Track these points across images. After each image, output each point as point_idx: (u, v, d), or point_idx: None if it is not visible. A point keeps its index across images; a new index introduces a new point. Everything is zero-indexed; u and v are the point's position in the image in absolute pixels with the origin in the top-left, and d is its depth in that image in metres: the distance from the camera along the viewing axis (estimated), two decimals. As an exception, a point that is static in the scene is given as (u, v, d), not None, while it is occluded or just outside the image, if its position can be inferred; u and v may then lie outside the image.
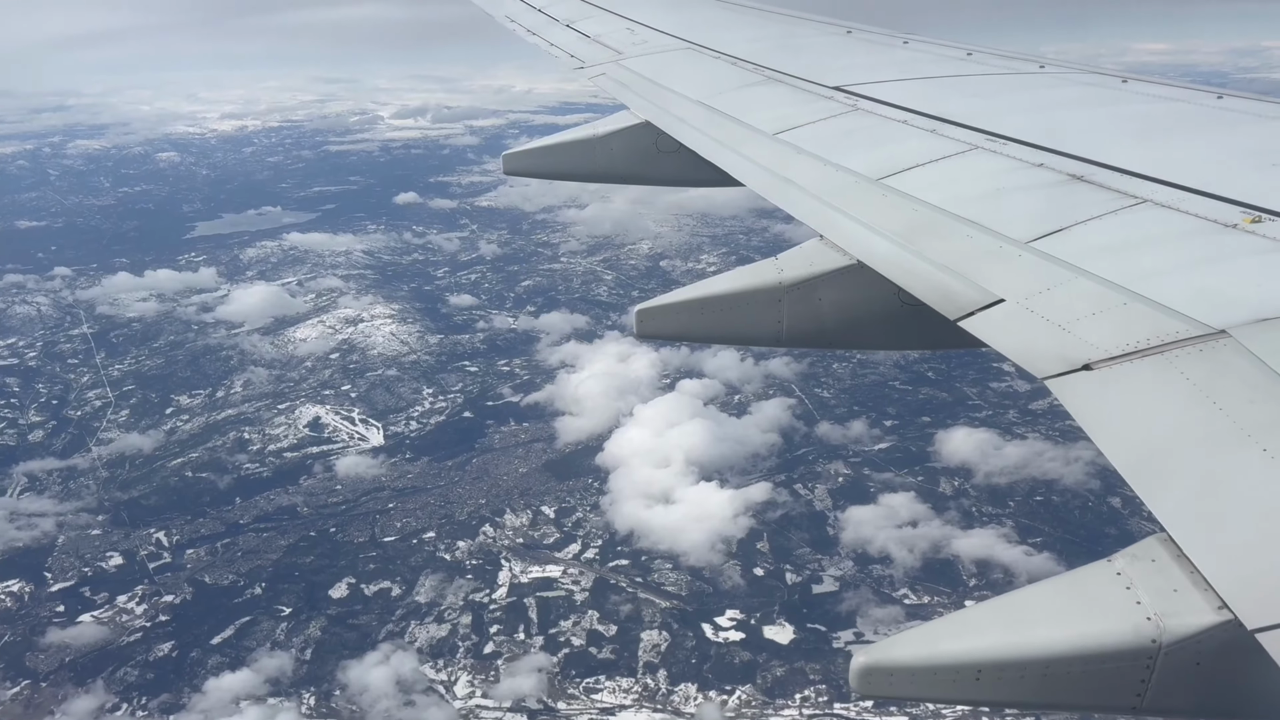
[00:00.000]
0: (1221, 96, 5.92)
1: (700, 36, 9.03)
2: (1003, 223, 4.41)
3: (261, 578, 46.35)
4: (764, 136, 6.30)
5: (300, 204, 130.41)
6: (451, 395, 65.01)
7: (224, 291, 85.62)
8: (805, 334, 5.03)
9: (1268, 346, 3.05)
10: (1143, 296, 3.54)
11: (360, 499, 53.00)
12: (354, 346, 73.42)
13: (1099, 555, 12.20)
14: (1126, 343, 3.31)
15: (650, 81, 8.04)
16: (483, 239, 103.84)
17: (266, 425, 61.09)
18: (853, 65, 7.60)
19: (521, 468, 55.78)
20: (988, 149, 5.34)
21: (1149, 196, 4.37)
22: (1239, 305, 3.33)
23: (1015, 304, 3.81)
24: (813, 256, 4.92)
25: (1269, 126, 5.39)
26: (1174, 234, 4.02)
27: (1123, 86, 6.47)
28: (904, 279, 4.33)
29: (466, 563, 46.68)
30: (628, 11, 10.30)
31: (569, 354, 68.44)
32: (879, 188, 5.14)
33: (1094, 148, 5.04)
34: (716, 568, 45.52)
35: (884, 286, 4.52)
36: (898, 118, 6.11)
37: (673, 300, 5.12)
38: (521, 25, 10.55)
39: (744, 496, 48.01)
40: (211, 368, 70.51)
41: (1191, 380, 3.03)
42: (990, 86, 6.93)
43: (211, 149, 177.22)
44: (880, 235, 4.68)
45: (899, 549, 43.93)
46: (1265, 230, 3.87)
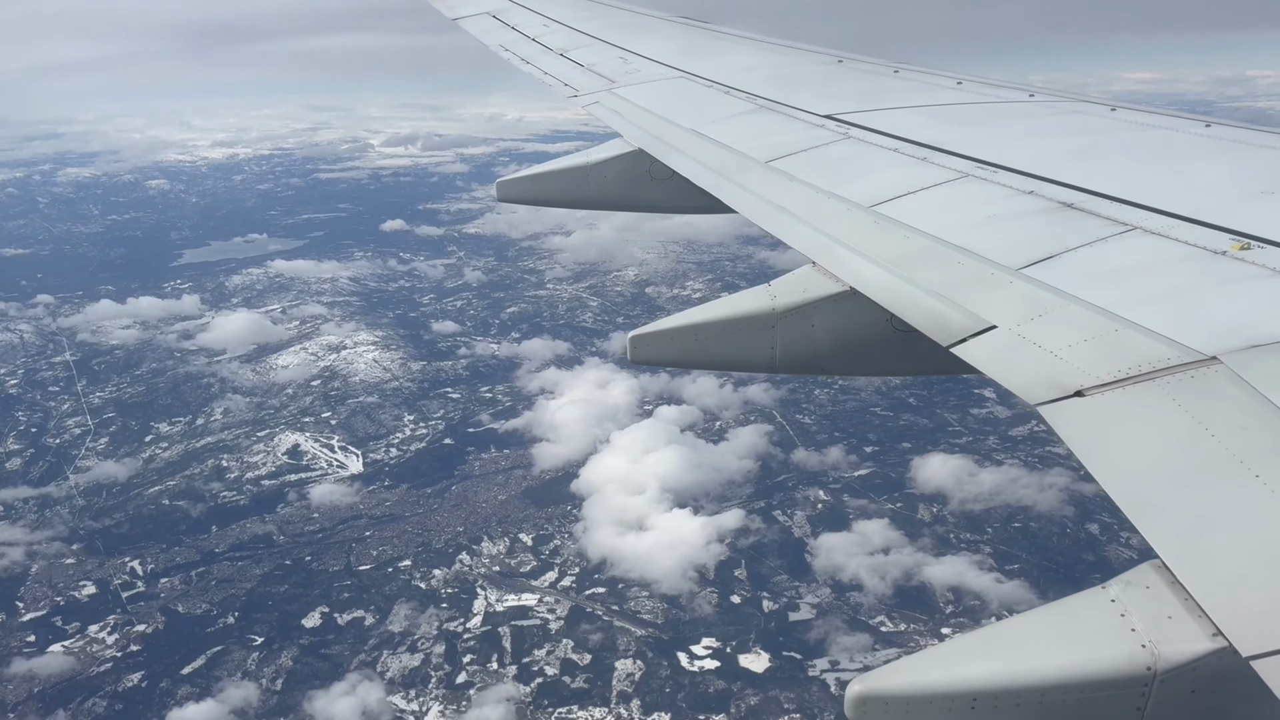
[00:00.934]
0: (1209, 125, 5.98)
1: (693, 66, 9.14)
2: (994, 250, 4.45)
3: (235, 607, 45.98)
4: (756, 164, 6.35)
5: (289, 231, 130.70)
6: (433, 422, 64.85)
7: (207, 319, 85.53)
8: (798, 360, 5.06)
9: (1259, 373, 3.05)
10: (1134, 323, 3.56)
11: (337, 527, 52.70)
12: (336, 373, 73.30)
13: (1076, 582, 12.33)
14: (1118, 369, 3.32)
15: (643, 109, 8.11)
16: (469, 266, 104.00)
17: (245, 453, 60.84)
18: (844, 94, 7.69)
19: (501, 495, 55.56)
20: (978, 177, 5.39)
21: (1139, 224, 4.41)
22: (1230, 332, 3.35)
23: (1007, 330, 3.83)
24: (805, 283, 4.96)
25: (1256, 154, 5.45)
26: (1164, 261, 4.05)
27: (1111, 115, 6.53)
28: (896, 305, 4.35)
29: (442, 591, 46.36)
30: (621, 41, 10.43)
31: (549, 380, 68.43)
32: (871, 215, 5.18)
33: (1084, 175, 5.09)
34: (693, 595, 45.27)
35: (876, 313, 4.54)
36: (889, 146, 6.17)
37: (666, 326, 5.15)
38: (516, 54, 10.68)
39: (716, 524, 47.87)
40: (192, 395, 70.29)
41: (1184, 407, 3.03)
42: (980, 115, 7.00)
43: (202, 176, 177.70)
44: (872, 262, 4.72)
45: (870, 576, 43.77)
46: (1254, 257, 3.89)
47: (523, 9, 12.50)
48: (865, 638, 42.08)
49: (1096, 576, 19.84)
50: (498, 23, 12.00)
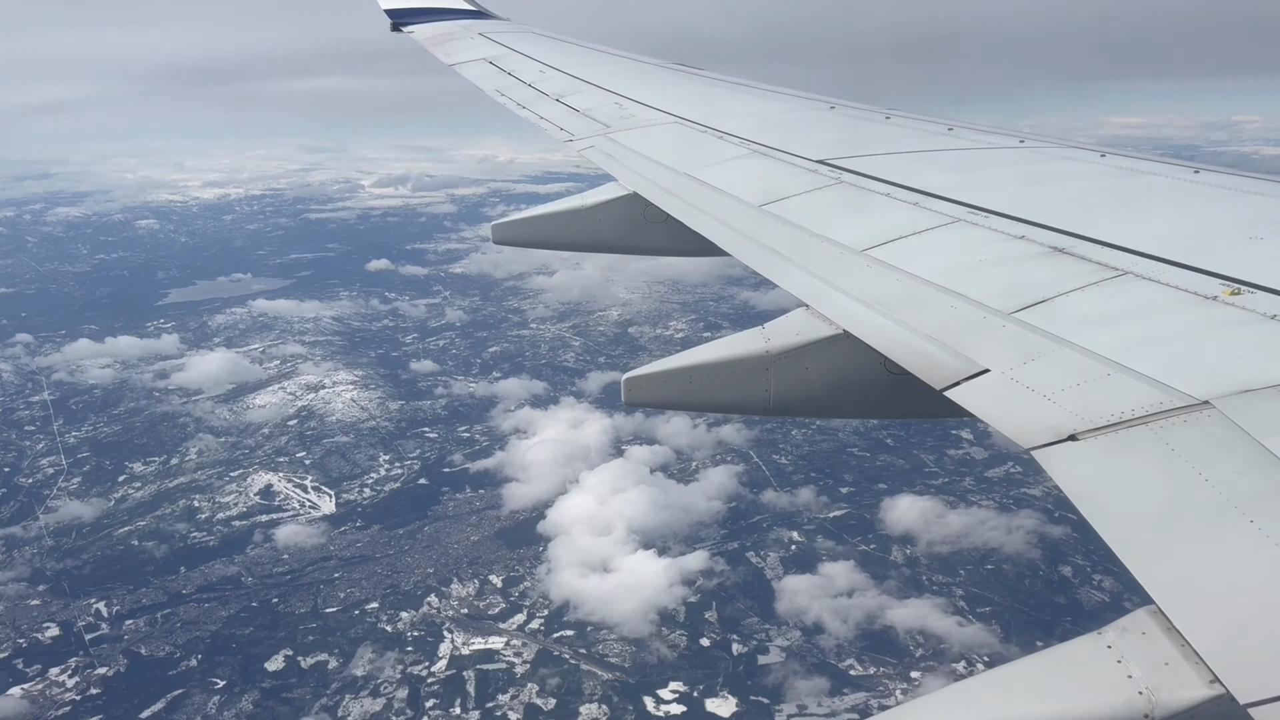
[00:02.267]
0: (1198, 170, 6.01)
1: (687, 111, 9.23)
2: (986, 294, 4.47)
3: (198, 649, 45.42)
4: (750, 208, 6.39)
5: (276, 271, 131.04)
6: (408, 462, 64.57)
7: (185, 359, 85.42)
8: (793, 403, 5.05)
9: (1252, 418, 3.05)
10: (1126, 367, 3.56)
11: (306, 568, 52.23)
12: (313, 413, 73.06)
13: (1048, 624, 12.36)
14: (1111, 413, 3.31)
15: (638, 154, 8.20)
16: (453, 305, 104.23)
17: (217, 493, 60.43)
18: (836, 140, 7.77)
19: (474, 536, 55.17)
20: (970, 222, 5.41)
21: (1130, 269, 4.43)
22: (1222, 377, 3.35)
23: (1000, 374, 3.83)
24: (799, 326, 4.97)
25: (1244, 200, 5.48)
26: (1155, 306, 4.07)
27: (1101, 160, 6.57)
28: (890, 349, 4.36)
29: (408, 634, 45.85)
30: (616, 87, 10.54)
31: (523, 420, 68.27)
32: (864, 259, 5.19)
33: (1074, 220, 5.11)
34: (662, 638, 44.85)
35: (870, 356, 4.55)
36: (881, 191, 6.20)
37: (660, 369, 5.14)
38: (512, 99, 10.77)
39: (680, 566, 47.53)
40: (168, 435, 69.95)
41: (1178, 451, 3.02)
42: (971, 161, 7.06)
43: (192, 216, 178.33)
44: (866, 305, 4.75)
45: (833, 619, 43.41)
46: (1244, 302, 3.90)
47: (519, 55, 12.68)
48: (833, 682, 41.65)
49: (1068, 620, 19.94)
50: (495, 69, 12.16)
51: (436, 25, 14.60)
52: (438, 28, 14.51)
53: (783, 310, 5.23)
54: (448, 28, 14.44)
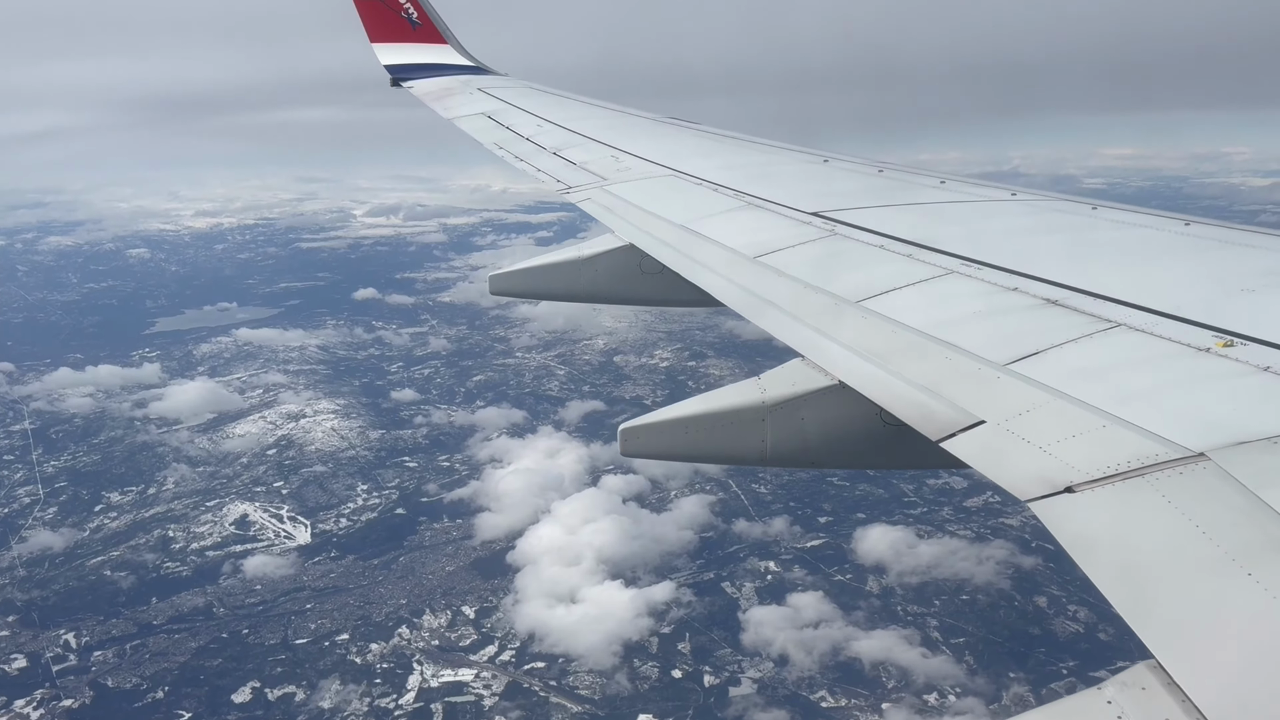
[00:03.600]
0: (1189, 223, 6.06)
1: (682, 164, 9.33)
2: (981, 345, 4.47)
3: (166, 681, 45.01)
4: (745, 259, 6.40)
5: (265, 300, 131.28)
6: (386, 491, 64.33)
7: (166, 388, 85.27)
8: (789, 454, 5.03)
9: (1247, 470, 3.05)
10: (1121, 419, 3.55)
11: (278, 599, 51.87)
12: (292, 442, 72.85)
13: (1021, 655, 12.26)
14: (1107, 465, 3.31)
15: (634, 205, 8.26)
16: (439, 334, 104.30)
17: (192, 523, 60.13)
18: (830, 192, 7.84)
19: (449, 566, 54.87)
20: (963, 274, 5.44)
21: (1123, 320, 4.45)
22: (1216, 428, 3.35)
23: (996, 425, 3.81)
24: (795, 376, 4.96)
25: (1235, 252, 5.51)
26: (1149, 357, 4.08)
27: (1093, 213, 6.63)
28: (885, 399, 4.35)
29: (377, 666, 45.47)
30: (613, 140, 10.67)
31: (499, 449, 68.11)
32: (858, 310, 5.21)
33: (1067, 273, 5.15)
34: (634, 670, 44.50)
35: (866, 407, 4.53)
36: (875, 243, 6.24)
37: (657, 419, 5.13)
38: (510, 152, 10.89)
39: (646, 597, 47.26)
40: (146, 464, 69.70)
41: (1174, 504, 3.02)
42: (963, 213, 7.10)
43: (184, 245, 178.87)
44: (861, 356, 4.73)
45: (797, 650, 43.11)
46: (1237, 354, 3.91)
47: (517, 110, 12.85)
48: (804, 714, 41.30)
49: (1042, 651, 19.82)
50: (493, 123, 12.31)
51: (436, 81, 14.84)
52: (437, 83, 14.75)
53: (768, 342, 5.29)
54: (447, 83, 14.69)
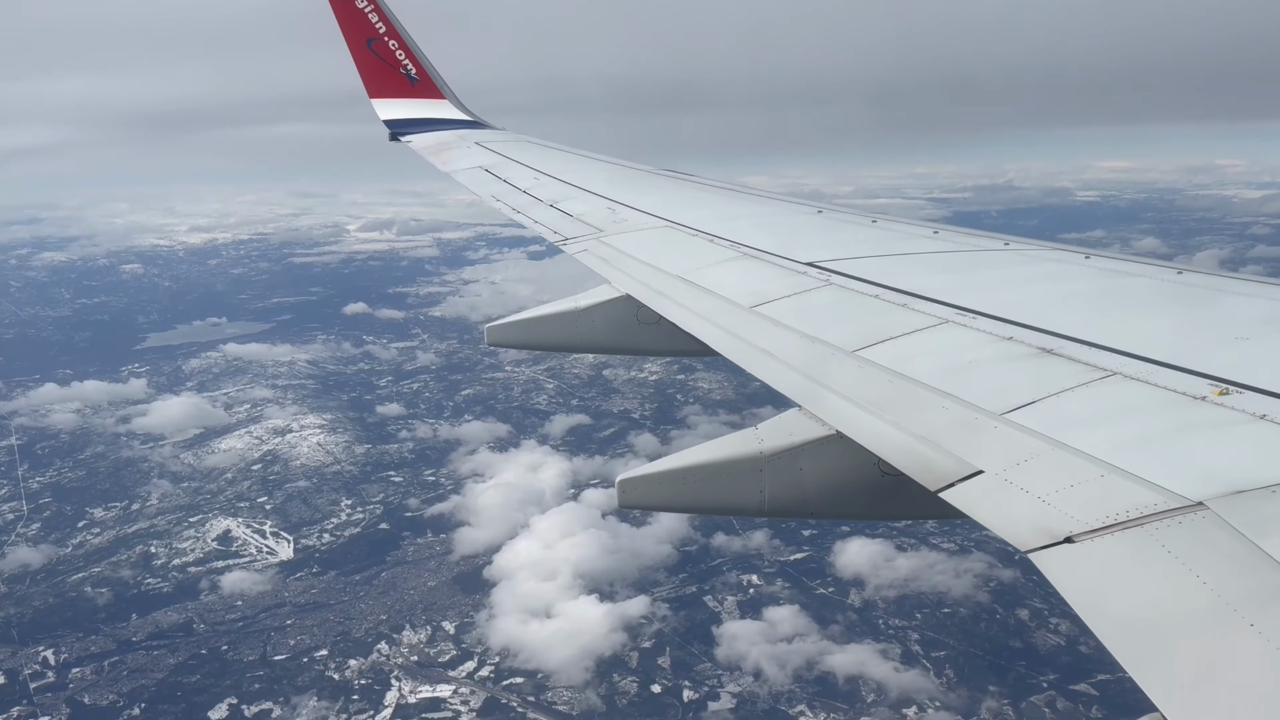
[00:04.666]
0: (1181, 271, 6.08)
1: (678, 215, 9.37)
2: (977, 394, 4.46)
3: (143, 698, 44.82)
4: (741, 309, 6.43)
5: (257, 315, 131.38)
6: (371, 506, 64.19)
7: (151, 403, 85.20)
8: (788, 504, 4.99)
9: (1246, 519, 3.04)
10: (1119, 468, 3.54)
11: (259, 615, 51.69)
12: (277, 457, 72.74)
13: (1002, 668, 12.35)
14: (1106, 515, 3.29)
15: (631, 256, 8.28)
16: (429, 348, 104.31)
17: (175, 539, 59.97)
18: (824, 243, 7.86)
19: (430, 581, 54.71)
20: (958, 323, 5.44)
21: (1118, 369, 4.43)
22: (1214, 477, 3.34)
23: (994, 475, 3.80)
24: (792, 426, 4.93)
25: (1228, 300, 5.55)
26: (1145, 406, 4.06)
27: (1085, 262, 6.66)
28: (883, 449, 4.33)
29: (355, 682, 45.28)
30: (609, 192, 10.74)
31: (482, 463, 68.03)
32: (855, 359, 5.20)
33: (1061, 322, 5.15)
34: (613, 685, 44.33)
35: (864, 457, 4.50)
36: (870, 292, 6.25)
37: (654, 470, 5.12)
38: (507, 204, 10.97)
39: (621, 612, 47.11)
40: (131, 480, 69.58)
41: (1174, 554, 3.00)
42: (957, 263, 7.15)
43: (177, 261, 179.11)
44: (858, 406, 4.73)
45: (770, 664, 42.98)
46: (1233, 402, 3.89)
47: (514, 163, 12.97)
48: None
49: (1022, 664, 19.82)
50: (491, 176, 12.42)
51: (434, 135, 14.95)
52: (435, 137, 14.86)
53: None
54: (444, 137, 14.80)
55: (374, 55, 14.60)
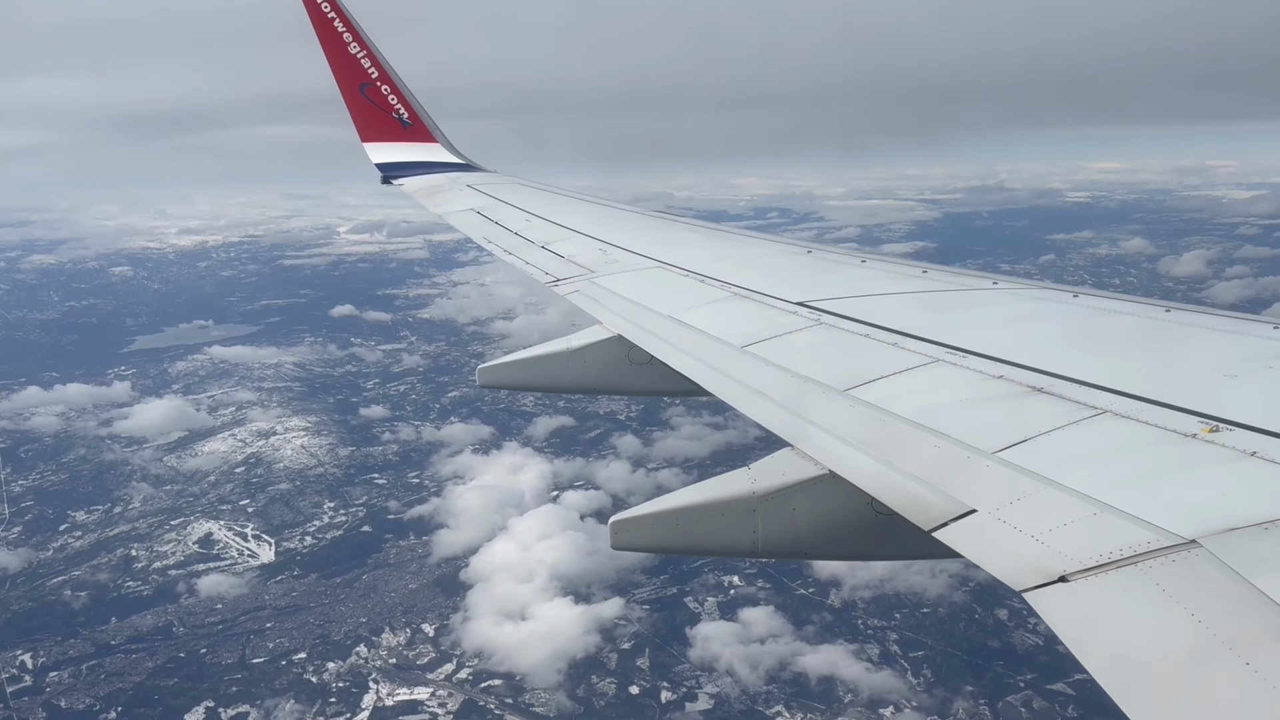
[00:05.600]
0: (1169, 310, 6.12)
1: (669, 256, 9.40)
2: (969, 433, 4.47)
3: (120, 701, 44.73)
4: (732, 349, 6.45)
5: (246, 317, 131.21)
6: (354, 509, 64.11)
7: (137, 406, 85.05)
8: (781, 545, 4.94)
9: (1239, 556, 3.05)
10: (1112, 506, 3.56)
11: (239, 618, 51.60)
12: (261, 460, 72.64)
13: (980, 668, 12.49)
14: (1100, 554, 3.30)
15: (622, 297, 8.32)
16: (416, 351, 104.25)
17: (156, 542, 59.85)
18: (814, 282, 7.87)
19: (411, 584, 54.66)
20: (948, 362, 5.46)
21: (1108, 407, 4.44)
22: (1207, 515, 3.35)
23: (987, 514, 3.81)
24: (784, 466, 4.92)
25: (1216, 338, 5.55)
26: (1136, 444, 4.07)
27: (1074, 300, 6.68)
28: (876, 489, 4.34)
29: (333, 685, 45.23)
30: (599, 233, 10.79)
31: (463, 465, 68.01)
32: (846, 399, 5.21)
33: (1051, 360, 5.17)
34: (591, 686, 44.34)
35: (857, 496, 4.50)
36: (860, 332, 6.29)
37: (648, 511, 5.10)
38: (499, 246, 11.02)
39: (594, 613, 47.13)
40: (114, 483, 69.42)
41: (1168, 592, 3.01)
42: (946, 302, 7.19)
43: (167, 264, 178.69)
44: (850, 445, 4.74)
45: (743, 665, 43.03)
46: (1223, 440, 3.91)
47: (505, 205, 13.05)
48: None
49: (1000, 664, 19.90)
50: (482, 218, 12.50)
51: (425, 178, 15.07)
52: (426, 180, 14.97)
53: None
54: (436, 180, 14.91)
55: (367, 100, 14.72)
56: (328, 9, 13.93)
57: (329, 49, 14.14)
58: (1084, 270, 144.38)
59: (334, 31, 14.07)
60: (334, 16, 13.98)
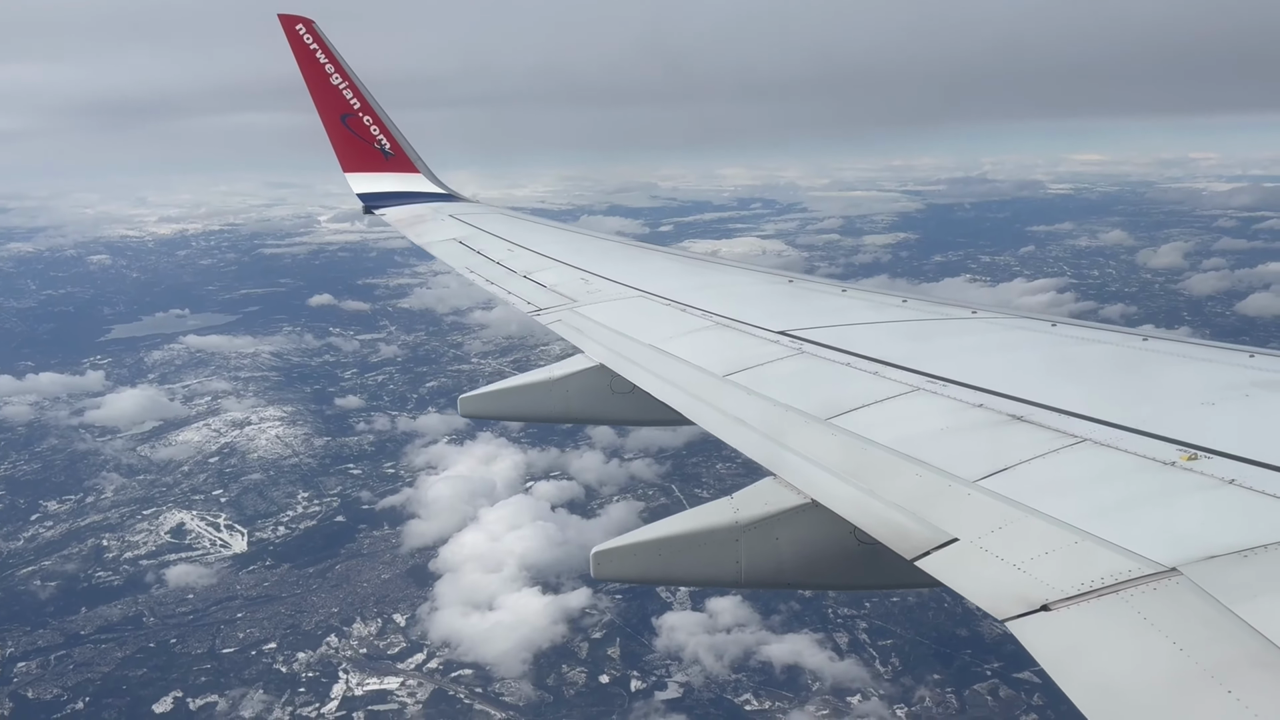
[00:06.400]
0: (1146, 339, 6.17)
1: (651, 285, 9.43)
2: (950, 461, 4.49)
3: (87, 692, 44.54)
4: (714, 378, 6.46)
5: (225, 306, 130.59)
6: (328, 499, 63.94)
7: (109, 395, 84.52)
8: (764, 574, 4.96)
9: (1219, 584, 3.07)
10: (1093, 535, 3.58)
11: (209, 608, 51.45)
12: (235, 450, 72.31)
13: (948, 657, 12.65)
14: (1082, 582, 3.32)
15: (604, 326, 8.36)
16: (395, 340, 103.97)
17: (128, 532, 59.55)
18: (795, 311, 7.92)
19: (384, 574, 54.59)
20: (929, 390, 5.49)
21: (1088, 435, 4.48)
22: (1187, 543, 3.38)
23: (969, 543, 3.82)
24: (767, 495, 4.93)
25: (1193, 366, 5.62)
26: (1116, 472, 4.11)
27: (1052, 330, 6.76)
28: (858, 518, 4.33)
29: (303, 675, 45.15)
30: (582, 263, 10.82)
31: (436, 455, 67.91)
32: (828, 427, 5.22)
33: (1031, 389, 5.20)
34: (562, 676, 44.45)
35: (839, 525, 4.51)
36: (841, 360, 6.32)
37: (630, 541, 5.08)
38: (481, 276, 11.05)
39: (561, 604, 47.18)
40: (86, 473, 69.01)
41: (1150, 620, 3.02)
42: (926, 331, 7.26)
43: (147, 252, 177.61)
44: (833, 474, 4.75)
45: (708, 655, 43.23)
46: (1202, 467, 3.95)
47: (488, 235, 13.11)
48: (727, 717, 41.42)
49: (968, 653, 20.15)
50: (465, 248, 12.55)
51: (407, 208, 15.09)
52: (408, 210, 15.00)
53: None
54: (418, 210, 14.94)
55: (349, 130, 14.74)
56: (309, 40, 13.95)
57: (311, 80, 14.18)
58: (1063, 262, 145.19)
59: (315, 63, 14.09)
60: (316, 48, 14.00)
